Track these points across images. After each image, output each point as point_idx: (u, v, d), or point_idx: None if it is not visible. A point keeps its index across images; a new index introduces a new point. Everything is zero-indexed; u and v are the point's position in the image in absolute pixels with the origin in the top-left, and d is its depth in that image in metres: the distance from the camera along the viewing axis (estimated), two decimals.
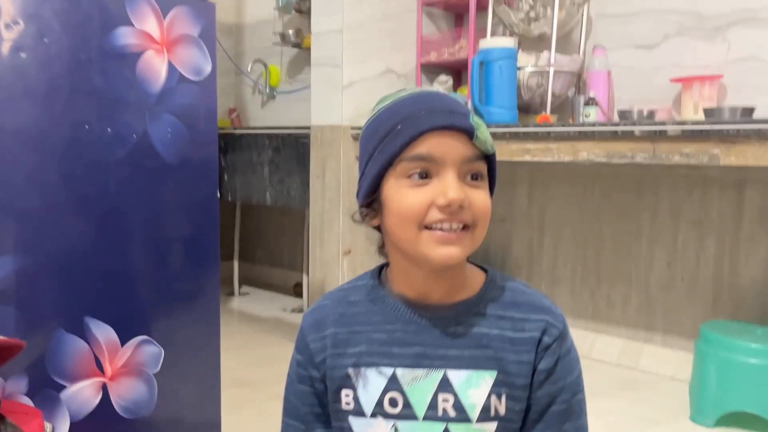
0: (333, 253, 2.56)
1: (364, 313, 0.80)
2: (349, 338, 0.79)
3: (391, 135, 0.72)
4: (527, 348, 0.75)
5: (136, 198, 1.17)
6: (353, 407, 0.78)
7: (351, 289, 0.83)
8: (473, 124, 0.72)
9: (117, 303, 1.15)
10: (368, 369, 0.77)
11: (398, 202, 0.72)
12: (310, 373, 0.81)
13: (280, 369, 2.53)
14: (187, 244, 1.26)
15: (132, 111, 1.15)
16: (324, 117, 2.54)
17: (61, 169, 1.07)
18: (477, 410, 0.75)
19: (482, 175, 0.74)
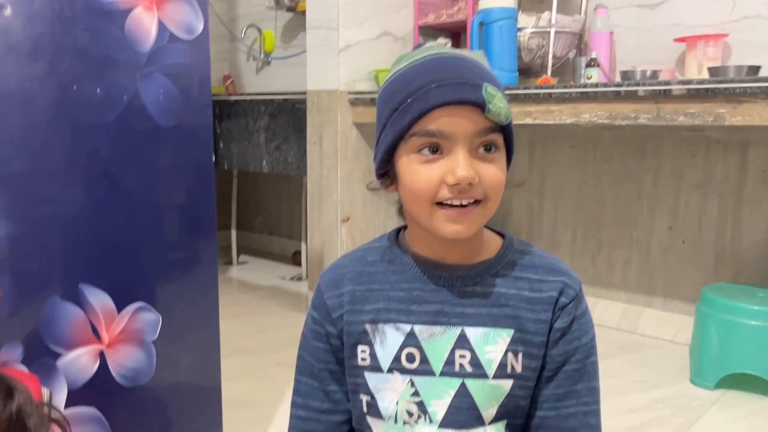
0: (331, 221, 2.54)
1: (382, 273, 0.80)
2: (367, 295, 0.79)
3: (402, 108, 0.71)
4: (544, 307, 0.76)
5: (128, 161, 1.14)
6: (369, 363, 0.79)
7: (368, 250, 0.84)
8: (485, 97, 0.69)
9: (112, 269, 1.13)
10: (386, 325, 0.78)
11: (410, 178, 0.72)
12: (327, 329, 0.81)
13: (280, 336, 2.56)
14: (183, 209, 1.23)
15: (121, 71, 1.11)
16: (320, 82, 2.49)
17: (49, 132, 1.04)
18: (494, 367, 0.75)
19: (496, 145, 0.72)
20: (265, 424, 1.71)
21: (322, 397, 0.82)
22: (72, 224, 1.08)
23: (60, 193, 1.06)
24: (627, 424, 1.71)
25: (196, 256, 1.27)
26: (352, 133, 2.49)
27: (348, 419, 0.83)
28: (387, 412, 0.78)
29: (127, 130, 1.13)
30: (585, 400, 0.77)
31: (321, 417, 0.82)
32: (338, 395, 0.82)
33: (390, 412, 0.78)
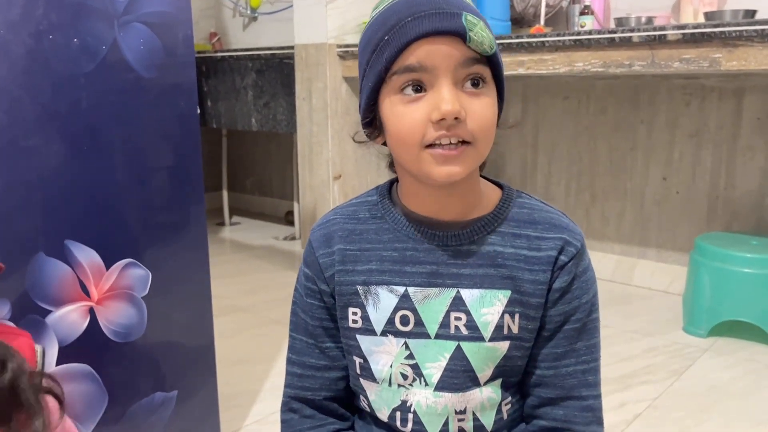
0: (323, 179, 2.51)
1: (374, 231, 0.77)
2: (358, 255, 0.76)
3: (380, 48, 0.67)
4: (543, 267, 0.72)
5: (110, 114, 1.10)
6: (362, 325, 0.76)
7: (360, 205, 0.80)
8: (465, 25, 0.65)
9: (98, 225, 1.11)
10: (379, 287, 0.75)
11: (395, 122, 0.68)
12: (320, 287, 0.79)
13: (274, 295, 2.56)
14: (169, 163, 1.20)
15: (98, 19, 1.07)
16: (308, 35, 2.43)
17: (26, 84, 1.00)
18: (490, 329, 0.73)
19: (484, 78, 0.68)
20: (260, 380, 1.71)
21: (317, 354, 0.81)
22: (55, 178, 1.05)
23: (40, 147, 1.03)
24: (621, 372, 1.72)
25: (184, 212, 1.24)
26: (342, 87, 2.44)
27: (345, 375, 0.81)
28: (380, 375, 0.76)
29: (108, 81, 1.09)
30: (584, 359, 0.75)
31: (317, 374, 0.81)
32: (334, 352, 0.80)
33: (384, 375, 0.76)
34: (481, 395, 0.75)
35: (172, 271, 1.22)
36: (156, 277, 1.19)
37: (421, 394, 0.75)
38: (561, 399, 0.75)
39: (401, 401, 0.76)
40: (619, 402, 1.57)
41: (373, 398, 0.78)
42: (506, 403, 0.77)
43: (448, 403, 0.75)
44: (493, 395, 0.76)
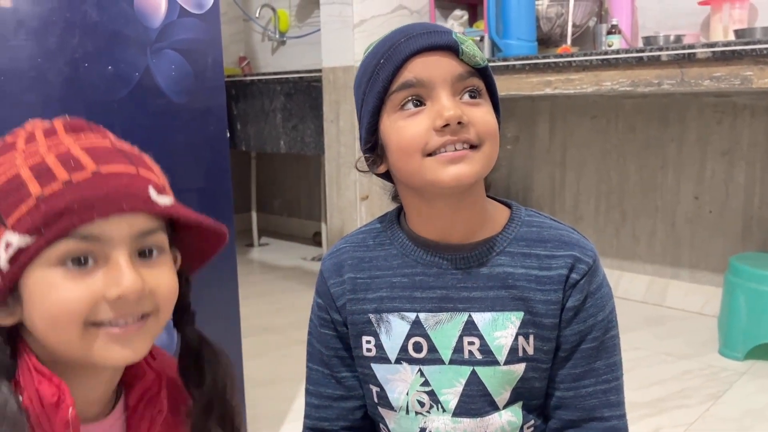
0: (350, 199, 2.52)
1: (383, 257, 0.77)
2: (368, 283, 0.76)
3: (376, 71, 0.69)
4: (554, 287, 0.71)
5: (142, 138, 1.11)
6: (376, 353, 0.76)
7: (368, 232, 0.80)
8: (456, 40, 0.68)
9: None
10: (390, 314, 0.75)
11: (396, 135, 0.68)
12: (333, 317, 0.79)
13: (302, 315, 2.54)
14: (199, 187, 1.22)
15: (132, 47, 1.10)
16: (335, 58, 2.47)
17: (62, 110, 1.03)
18: (504, 352, 0.72)
19: (480, 91, 0.70)
20: (288, 401, 1.71)
21: (333, 384, 0.80)
22: None
23: None
24: (655, 396, 1.68)
25: None
26: None
27: (362, 405, 0.81)
28: (398, 403, 0.76)
29: (140, 106, 1.12)
30: (605, 378, 0.73)
31: (334, 404, 0.81)
32: (350, 381, 0.80)
33: (401, 402, 0.76)
34: (500, 419, 0.74)
35: (201, 292, 1.24)
36: None
37: (440, 421, 0.74)
38: (583, 420, 0.73)
39: (420, 429, 0.75)
40: (653, 427, 1.53)
41: (393, 426, 0.78)
42: (528, 427, 0.76)
43: (468, 429, 0.74)
44: (514, 419, 0.74)
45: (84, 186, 0.51)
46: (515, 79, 1.98)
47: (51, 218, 0.50)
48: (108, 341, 0.53)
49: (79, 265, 0.52)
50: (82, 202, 0.50)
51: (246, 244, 3.56)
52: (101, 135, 0.59)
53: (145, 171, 0.57)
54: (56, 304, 0.52)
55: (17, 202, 0.51)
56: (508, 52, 2.14)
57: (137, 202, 0.53)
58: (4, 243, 0.50)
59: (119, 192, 0.52)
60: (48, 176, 0.51)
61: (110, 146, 0.57)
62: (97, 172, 0.52)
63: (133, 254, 0.54)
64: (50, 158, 0.53)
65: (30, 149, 0.54)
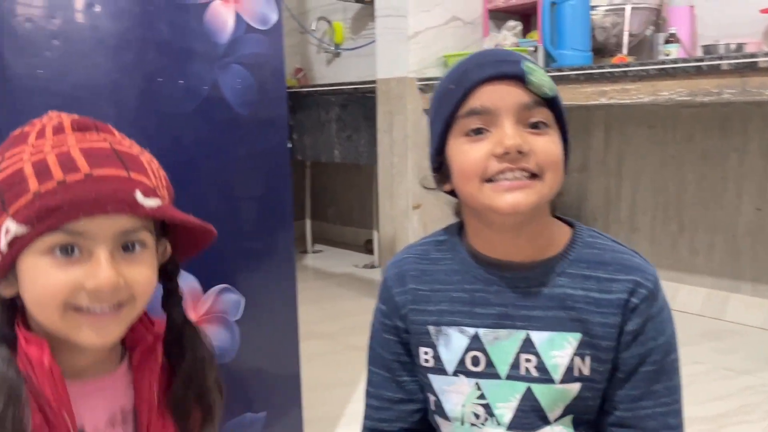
0: (402, 208, 2.56)
1: (444, 272, 0.79)
2: (429, 296, 0.79)
3: (446, 96, 0.72)
4: (613, 310, 0.72)
5: (209, 149, 1.18)
6: (433, 365, 0.78)
7: (430, 244, 0.83)
8: (524, 69, 0.69)
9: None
10: (450, 328, 0.77)
11: (459, 159, 0.71)
12: (396, 323, 0.81)
13: (354, 322, 2.59)
14: (261, 196, 1.27)
15: (201, 62, 1.15)
16: (390, 70, 2.51)
17: (137, 122, 1.10)
18: (560, 371, 0.73)
19: (544, 122, 0.71)
20: (340, 405, 1.75)
21: (394, 387, 0.83)
22: None
23: None
24: (715, 412, 1.65)
25: (274, 240, 1.31)
26: (422, 120, 2.49)
27: (421, 408, 0.83)
28: (453, 413, 0.78)
29: (207, 119, 1.17)
30: (664, 400, 0.73)
31: (393, 406, 0.83)
32: (411, 385, 0.82)
33: (456, 413, 0.77)
34: None
35: (262, 297, 1.29)
36: (248, 302, 1.26)
37: None
38: None
39: None
40: None
41: None
42: None
43: None
44: None
45: (75, 187, 0.57)
46: (569, 89, 1.98)
47: (44, 213, 0.56)
48: (84, 325, 0.60)
49: (66, 254, 0.59)
50: (71, 201, 0.57)
51: (300, 250, 3.63)
52: (104, 136, 0.64)
53: (136, 174, 0.62)
54: (42, 287, 0.59)
55: (18, 195, 0.58)
56: (562, 62, 2.14)
57: (122, 205, 0.58)
58: (5, 229, 0.58)
59: (106, 195, 0.58)
60: (46, 175, 0.58)
61: (108, 149, 0.62)
62: (89, 174, 0.59)
63: (117, 249, 0.61)
64: (51, 158, 0.59)
65: (38, 145, 0.61)
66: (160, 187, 0.66)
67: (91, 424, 0.65)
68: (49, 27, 1.00)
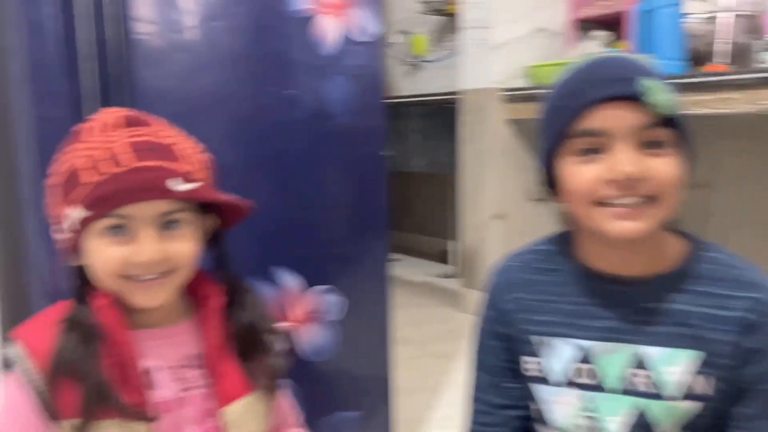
0: (484, 219, 2.56)
1: (552, 282, 0.78)
2: (535, 306, 0.79)
3: (557, 112, 0.71)
4: (731, 327, 0.70)
5: (312, 156, 1.24)
6: (538, 375, 0.78)
7: (537, 253, 0.82)
8: (640, 89, 0.65)
9: (300, 255, 1.23)
10: (557, 339, 0.76)
11: (569, 178, 0.70)
12: (502, 331, 0.81)
13: (432, 329, 2.60)
14: (359, 199, 1.31)
15: (307, 73, 1.21)
16: (473, 80, 2.53)
17: (250, 130, 1.16)
18: (672, 388, 0.72)
19: (662, 141, 0.68)
20: (422, 410, 1.77)
21: (499, 393, 0.83)
22: (267, 213, 1.19)
23: (257, 184, 1.18)
24: None
25: (371, 247, 1.35)
26: (506, 130, 2.49)
27: (525, 415, 0.83)
28: (558, 424, 0.77)
29: (311, 127, 1.23)
30: None
31: (498, 411, 0.83)
32: (515, 392, 0.82)
33: (560, 424, 0.77)
34: None
35: (359, 299, 1.33)
36: (346, 303, 1.30)
37: None
38: None
39: None
40: None
41: None
42: None
43: None
44: None
45: (121, 178, 0.68)
46: None
47: (97, 201, 0.68)
48: (135, 290, 0.72)
49: (117, 234, 0.70)
50: (118, 191, 0.68)
51: None
52: (148, 129, 0.73)
53: (170, 163, 0.71)
54: (99, 261, 0.71)
55: (77, 185, 0.69)
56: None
57: (156, 192, 0.69)
58: (68, 214, 0.70)
59: (145, 184, 0.68)
60: (98, 168, 0.69)
61: (150, 141, 0.71)
62: (132, 167, 0.68)
63: (159, 228, 0.71)
64: (103, 153, 0.69)
65: (94, 141, 0.71)
66: (198, 171, 0.74)
67: (161, 366, 0.75)
68: (174, 41, 1.08)
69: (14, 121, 1.06)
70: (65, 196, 0.71)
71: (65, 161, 0.72)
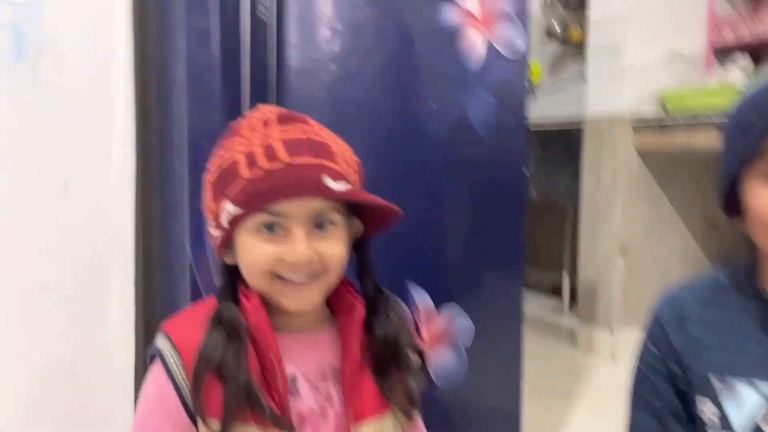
0: (606, 252, 2.43)
1: (732, 318, 0.72)
2: (713, 342, 0.72)
3: (745, 130, 0.65)
4: None
5: (453, 172, 1.20)
6: (719, 423, 0.71)
7: (708, 285, 0.76)
8: None
9: (433, 272, 1.19)
10: (738, 381, 0.69)
11: (756, 204, 0.65)
12: (671, 370, 0.75)
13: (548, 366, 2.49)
14: (496, 222, 1.26)
15: (453, 87, 1.18)
16: (600, 107, 2.43)
17: (392, 140, 1.14)
18: None
19: None
20: None
21: None
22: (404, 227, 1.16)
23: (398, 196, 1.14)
24: None
25: (506, 273, 1.29)
26: (635, 161, 2.37)
27: None
28: None
29: (454, 141, 1.19)
30: None
31: None
32: None
33: None
34: None
35: (491, 326, 1.26)
36: (477, 330, 1.24)
37: None
38: None
39: None
40: None
41: None
42: None
43: None
44: None
45: (277, 174, 0.66)
46: None
47: (252, 197, 0.66)
48: (285, 291, 0.70)
49: (269, 232, 0.68)
50: (273, 187, 0.65)
51: None
52: (302, 127, 0.71)
53: (326, 161, 0.68)
54: (251, 258, 0.69)
55: (233, 181, 0.67)
56: None
57: (312, 189, 0.66)
58: (226, 210, 0.68)
59: (300, 181, 0.66)
60: (254, 164, 0.67)
61: (305, 139, 0.69)
62: (288, 163, 0.66)
63: (311, 227, 0.68)
64: (258, 149, 0.68)
65: (249, 137, 0.69)
66: (350, 172, 0.71)
67: (303, 374, 0.72)
68: (325, 52, 1.08)
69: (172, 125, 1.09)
70: (221, 190, 0.69)
71: (222, 156, 0.71)
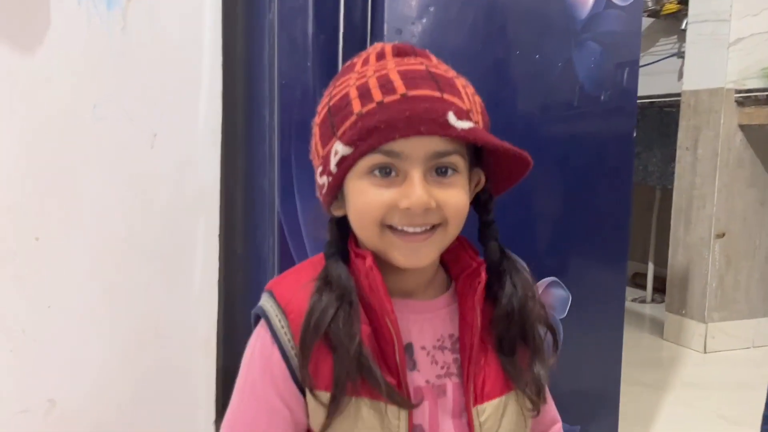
0: (702, 237, 2.26)
1: None
2: None
3: None
4: None
5: (554, 128, 1.11)
6: None
7: None
8: None
9: (531, 241, 1.12)
10: None
11: None
12: None
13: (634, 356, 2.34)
14: (602, 189, 1.16)
15: (559, 37, 1.09)
16: (701, 80, 2.25)
17: (489, 90, 1.05)
18: None
19: None
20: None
21: None
22: None
23: None
24: None
25: (609, 242, 1.19)
26: (737, 137, 2.19)
27: None
28: None
29: (558, 95, 1.11)
30: None
31: None
32: None
33: None
34: None
35: (589, 298, 1.17)
36: (574, 301, 1.15)
37: None
38: None
39: None
40: None
41: None
42: None
43: None
44: None
45: (392, 107, 0.57)
46: None
47: (364, 134, 0.58)
48: (398, 244, 0.61)
49: (384, 175, 0.60)
50: (388, 121, 0.57)
51: None
52: (421, 60, 0.63)
53: (450, 96, 0.59)
54: (362, 204, 0.61)
55: (344, 118, 0.60)
56: None
57: (434, 125, 0.57)
58: (334, 150, 0.60)
59: (420, 115, 0.57)
60: (367, 97, 0.59)
61: (424, 70, 0.61)
62: (405, 95, 0.58)
63: (429, 171, 0.60)
64: (372, 81, 0.60)
65: (362, 71, 0.62)
66: (474, 111, 0.62)
67: (418, 342, 0.65)
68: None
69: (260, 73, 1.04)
70: (331, 129, 0.62)
71: (332, 94, 0.64)
